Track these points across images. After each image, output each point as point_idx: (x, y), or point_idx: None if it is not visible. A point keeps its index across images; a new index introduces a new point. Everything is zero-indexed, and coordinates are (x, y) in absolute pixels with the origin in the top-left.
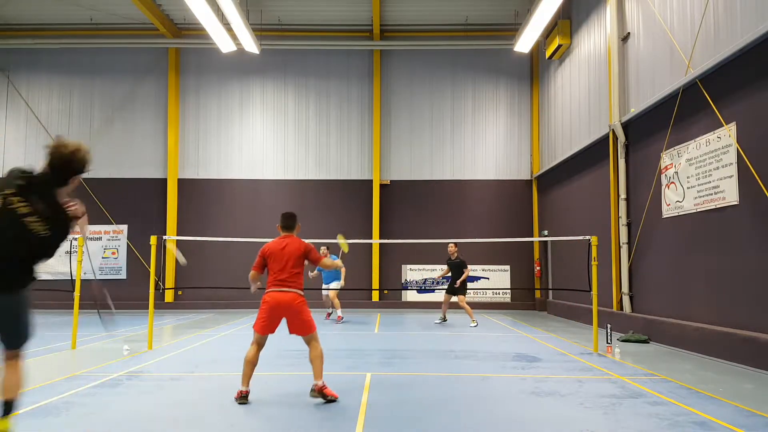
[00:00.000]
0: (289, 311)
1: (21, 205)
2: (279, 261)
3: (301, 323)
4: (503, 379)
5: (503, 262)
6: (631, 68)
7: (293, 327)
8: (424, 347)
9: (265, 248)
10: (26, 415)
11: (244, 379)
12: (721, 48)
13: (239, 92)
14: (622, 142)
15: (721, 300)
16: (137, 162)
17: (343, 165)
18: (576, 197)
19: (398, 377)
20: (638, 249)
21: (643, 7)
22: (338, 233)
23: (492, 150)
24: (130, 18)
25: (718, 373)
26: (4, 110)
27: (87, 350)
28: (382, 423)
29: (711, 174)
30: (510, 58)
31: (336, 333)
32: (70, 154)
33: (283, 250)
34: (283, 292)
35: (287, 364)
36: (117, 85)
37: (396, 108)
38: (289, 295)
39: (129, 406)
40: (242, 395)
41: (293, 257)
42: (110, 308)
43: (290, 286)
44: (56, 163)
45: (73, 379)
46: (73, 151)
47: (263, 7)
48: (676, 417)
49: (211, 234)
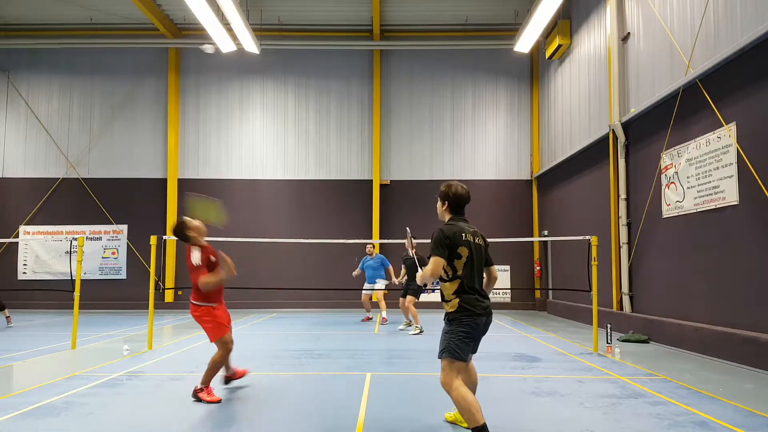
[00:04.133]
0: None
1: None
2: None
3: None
4: (503, 379)
5: (503, 262)
6: (631, 68)
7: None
8: (424, 347)
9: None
10: (26, 415)
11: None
12: (721, 48)
13: (239, 92)
14: (622, 142)
15: (721, 300)
16: (137, 162)
17: (343, 165)
18: (576, 197)
19: (398, 377)
20: (638, 249)
21: (643, 7)
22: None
23: (492, 150)
24: (130, 18)
25: (718, 373)
26: (4, 110)
27: (87, 350)
28: (382, 423)
29: (711, 174)
30: (510, 58)
31: (337, 333)
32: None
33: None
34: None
35: (287, 363)
36: (117, 85)
37: (396, 108)
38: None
39: (129, 406)
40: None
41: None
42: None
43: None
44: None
45: (73, 379)
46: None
47: (263, 7)
48: (676, 417)
49: (210, 234)
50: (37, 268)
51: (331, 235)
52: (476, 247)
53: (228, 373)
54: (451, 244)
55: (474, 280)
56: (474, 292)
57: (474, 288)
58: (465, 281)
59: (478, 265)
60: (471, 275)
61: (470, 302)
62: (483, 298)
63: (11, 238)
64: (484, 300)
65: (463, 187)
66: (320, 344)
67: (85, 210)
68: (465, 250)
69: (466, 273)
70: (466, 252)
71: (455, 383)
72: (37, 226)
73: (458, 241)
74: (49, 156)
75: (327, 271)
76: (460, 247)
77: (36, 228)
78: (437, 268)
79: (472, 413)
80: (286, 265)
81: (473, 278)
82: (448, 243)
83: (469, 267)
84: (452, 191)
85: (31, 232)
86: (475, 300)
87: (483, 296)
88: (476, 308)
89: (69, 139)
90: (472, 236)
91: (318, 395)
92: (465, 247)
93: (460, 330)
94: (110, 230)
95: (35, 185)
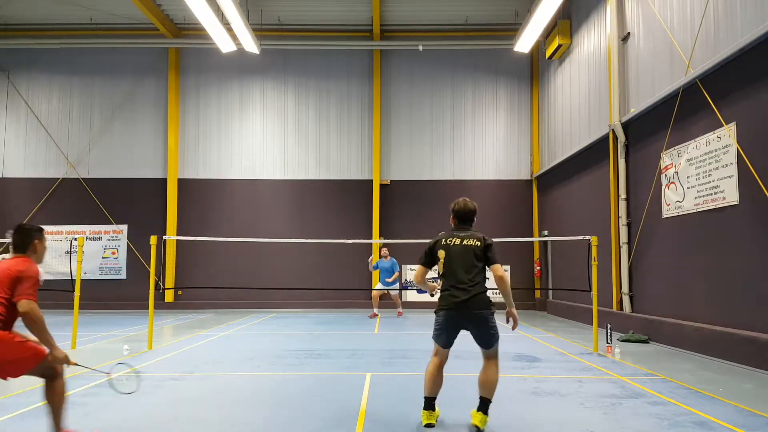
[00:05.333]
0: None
1: None
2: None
3: (12, 367)
4: (503, 379)
5: (503, 262)
6: (631, 68)
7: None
8: (424, 347)
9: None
10: (26, 415)
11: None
12: (721, 48)
13: (239, 92)
14: (622, 142)
15: (721, 300)
16: (137, 162)
17: (343, 165)
18: (576, 197)
19: (398, 377)
20: (638, 249)
21: (643, 7)
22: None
23: (492, 150)
24: (130, 18)
25: (718, 373)
26: (4, 110)
27: (87, 350)
28: (382, 423)
29: (711, 174)
30: (510, 58)
31: (337, 333)
32: None
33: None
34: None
35: (287, 363)
36: (117, 85)
37: (396, 108)
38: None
39: (129, 406)
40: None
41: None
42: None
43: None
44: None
45: (73, 379)
46: None
47: (263, 7)
48: (676, 417)
49: (211, 234)
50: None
51: (331, 235)
52: (459, 248)
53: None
54: (431, 251)
55: (451, 278)
56: (450, 288)
57: (452, 285)
58: (444, 279)
59: (457, 265)
60: (449, 274)
61: (443, 298)
62: (460, 293)
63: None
64: (458, 296)
65: (465, 201)
66: (320, 344)
67: (85, 210)
68: (442, 253)
69: (444, 272)
70: (443, 254)
71: (431, 359)
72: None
73: (437, 246)
74: (49, 156)
75: (327, 271)
76: (438, 251)
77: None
78: (418, 273)
79: (425, 383)
80: (286, 265)
81: (451, 276)
82: (428, 251)
83: (447, 267)
84: (454, 206)
85: None
86: (448, 296)
87: (460, 291)
88: (446, 303)
89: (69, 139)
90: (459, 240)
91: (318, 395)
92: (443, 250)
93: (436, 320)
94: (110, 230)
95: (35, 185)
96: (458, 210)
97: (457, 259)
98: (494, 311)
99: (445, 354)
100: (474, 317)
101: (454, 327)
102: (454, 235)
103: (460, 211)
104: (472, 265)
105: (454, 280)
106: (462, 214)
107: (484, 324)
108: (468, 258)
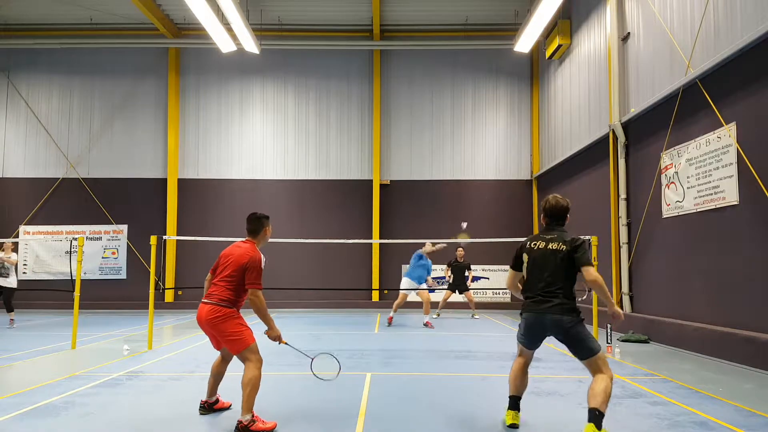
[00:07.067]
0: (207, 326)
1: None
2: (219, 267)
3: (226, 340)
4: (503, 379)
5: (503, 262)
6: (631, 68)
7: (221, 345)
8: (424, 347)
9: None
10: (26, 415)
11: (208, 388)
12: (721, 48)
13: (239, 92)
14: (622, 142)
15: (721, 300)
16: (137, 162)
17: (343, 165)
18: (576, 197)
19: (398, 377)
20: (638, 249)
21: (643, 7)
22: (462, 230)
23: (492, 150)
24: (130, 18)
25: (718, 373)
26: (4, 110)
27: (87, 350)
28: (382, 423)
29: (711, 174)
30: (510, 58)
31: (337, 333)
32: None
33: (229, 256)
34: (203, 304)
35: (287, 363)
36: (117, 85)
37: (396, 108)
38: (207, 308)
39: (129, 406)
40: (202, 405)
41: (234, 266)
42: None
43: (211, 297)
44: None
45: (73, 379)
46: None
47: (263, 7)
48: (676, 417)
49: (211, 234)
50: (37, 268)
51: (331, 235)
52: (543, 252)
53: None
54: (518, 254)
55: (534, 283)
56: (531, 292)
57: (532, 290)
58: (527, 284)
59: (540, 269)
60: (531, 278)
61: (525, 302)
62: (543, 299)
63: (11, 238)
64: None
65: (556, 198)
66: (320, 344)
67: (85, 210)
68: (526, 257)
69: (527, 276)
70: (527, 258)
71: (515, 359)
72: (37, 226)
73: (523, 250)
74: (49, 156)
75: (327, 271)
76: (523, 254)
77: (36, 228)
78: (508, 277)
79: (509, 382)
80: (286, 265)
81: (533, 281)
82: (516, 254)
83: (530, 271)
84: (545, 205)
85: (31, 232)
86: (529, 302)
87: (538, 297)
88: (527, 308)
89: (69, 139)
90: (544, 243)
91: (318, 395)
92: (526, 253)
93: (521, 323)
94: (110, 230)
95: (35, 185)
96: (549, 208)
97: (538, 263)
98: (580, 319)
99: (530, 354)
100: (552, 324)
101: (534, 334)
102: (540, 237)
103: (551, 210)
104: (554, 270)
105: (534, 285)
106: (553, 212)
107: (567, 333)
108: (549, 263)
